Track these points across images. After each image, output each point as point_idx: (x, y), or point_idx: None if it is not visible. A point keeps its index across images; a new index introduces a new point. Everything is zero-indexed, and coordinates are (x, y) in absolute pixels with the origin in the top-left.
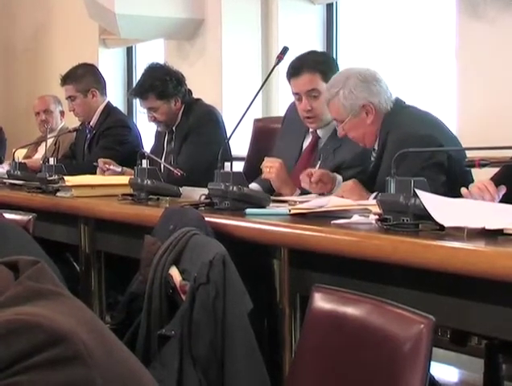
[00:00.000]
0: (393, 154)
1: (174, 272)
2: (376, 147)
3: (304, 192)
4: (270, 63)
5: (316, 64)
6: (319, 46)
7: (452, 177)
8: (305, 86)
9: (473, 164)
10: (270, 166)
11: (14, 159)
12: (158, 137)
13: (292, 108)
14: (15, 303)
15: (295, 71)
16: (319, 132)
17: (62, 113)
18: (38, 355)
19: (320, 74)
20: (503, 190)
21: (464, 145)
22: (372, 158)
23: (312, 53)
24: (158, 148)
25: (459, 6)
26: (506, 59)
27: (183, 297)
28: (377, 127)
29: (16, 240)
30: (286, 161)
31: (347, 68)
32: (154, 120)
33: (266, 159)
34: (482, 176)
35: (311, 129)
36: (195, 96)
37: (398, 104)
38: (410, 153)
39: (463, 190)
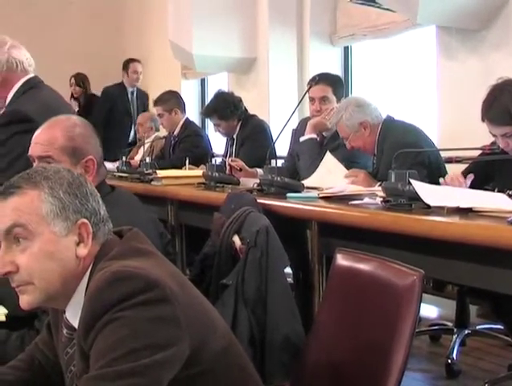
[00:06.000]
0: (388, 157)
1: (236, 238)
2: (376, 153)
3: None
4: (304, 88)
5: (330, 80)
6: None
7: (431, 171)
8: (319, 93)
9: (451, 160)
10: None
11: (121, 159)
12: (226, 143)
13: (302, 123)
14: (122, 257)
15: (314, 80)
16: (324, 133)
17: (152, 128)
18: (137, 296)
19: (332, 87)
20: (471, 177)
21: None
22: (374, 161)
23: (328, 73)
24: (225, 150)
25: (438, 49)
26: (472, 87)
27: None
28: (374, 137)
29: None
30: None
31: (346, 98)
32: (219, 131)
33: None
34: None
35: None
36: (250, 113)
37: (389, 119)
38: (402, 155)
39: (441, 179)
